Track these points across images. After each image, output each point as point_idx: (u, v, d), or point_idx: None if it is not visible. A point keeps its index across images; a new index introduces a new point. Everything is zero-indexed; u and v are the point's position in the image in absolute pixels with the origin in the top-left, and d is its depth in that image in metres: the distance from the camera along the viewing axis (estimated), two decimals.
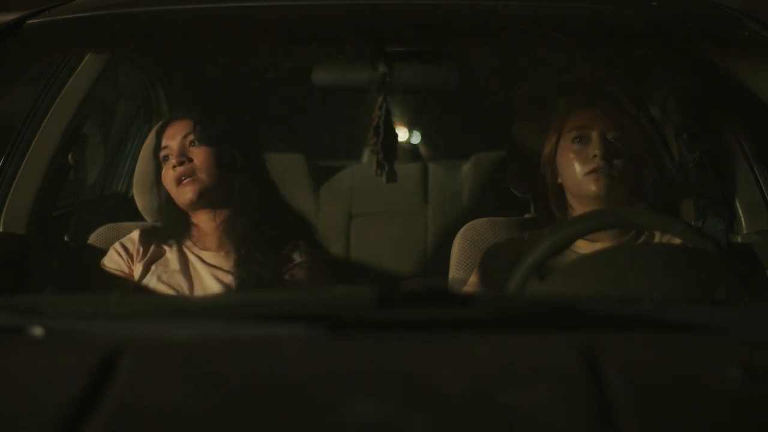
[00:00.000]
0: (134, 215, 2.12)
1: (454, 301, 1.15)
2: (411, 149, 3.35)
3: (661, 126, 2.31)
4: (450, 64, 2.25)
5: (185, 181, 1.95)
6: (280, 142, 3.10)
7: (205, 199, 1.96)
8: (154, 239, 1.99)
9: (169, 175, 1.97)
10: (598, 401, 0.92)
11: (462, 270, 1.96)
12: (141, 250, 1.98)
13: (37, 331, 1.11)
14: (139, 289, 1.93)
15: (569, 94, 2.03)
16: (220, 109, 2.12)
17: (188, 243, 1.99)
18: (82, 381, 0.96)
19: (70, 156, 2.17)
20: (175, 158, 1.96)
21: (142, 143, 2.18)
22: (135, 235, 2.01)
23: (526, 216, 2.10)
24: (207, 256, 1.97)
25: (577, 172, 1.85)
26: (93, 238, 2.08)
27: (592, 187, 1.83)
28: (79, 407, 0.91)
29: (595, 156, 1.83)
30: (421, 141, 3.44)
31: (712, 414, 0.92)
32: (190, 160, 1.95)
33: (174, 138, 1.98)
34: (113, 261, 1.98)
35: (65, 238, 2.14)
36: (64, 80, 2.19)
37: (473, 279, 1.89)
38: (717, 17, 1.88)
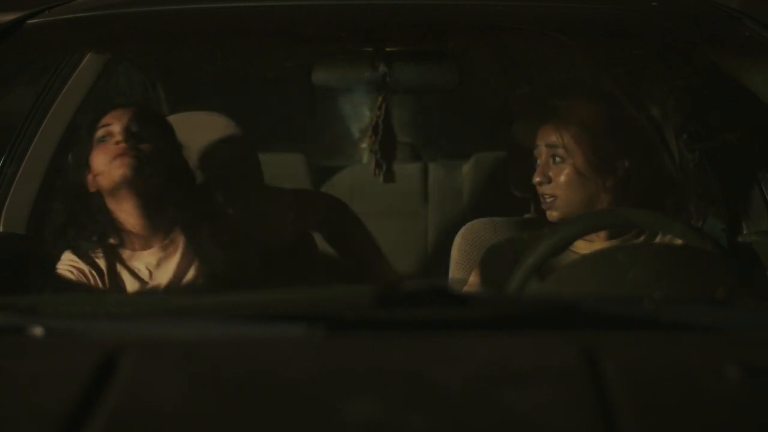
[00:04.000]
0: None
1: (454, 301, 1.15)
2: (410, 149, 3.35)
3: (661, 126, 2.31)
4: (450, 64, 2.25)
5: (123, 156, 1.84)
6: (280, 142, 3.10)
7: (135, 182, 1.86)
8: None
9: (105, 153, 1.86)
10: (598, 401, 0.92)
11: (462, 270, 1.96)
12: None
13: (37, 331, 1.10)
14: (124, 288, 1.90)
15: (568, 94, 2.03)
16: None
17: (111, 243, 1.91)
18: (82, 381, 0.96)
19: (70, 156, 2.16)
20: (119, 135, 1.86)
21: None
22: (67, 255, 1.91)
23: (526, 216, 2.09)
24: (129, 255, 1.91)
25: None
26: None
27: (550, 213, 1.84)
28: (79, 407, 0.91)
29: (536, 182, 1.84)
30: (421, 141, 3.43)
31: (711, 414, 0.92)
32: (139, 141, 1.86)
33: (119, 120, 1.89)
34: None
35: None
36: (64, 80, 2.19)
37: (473, 279, 1.89)
38: (717, 17, 1.88)
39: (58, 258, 1.94)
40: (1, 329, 1.13)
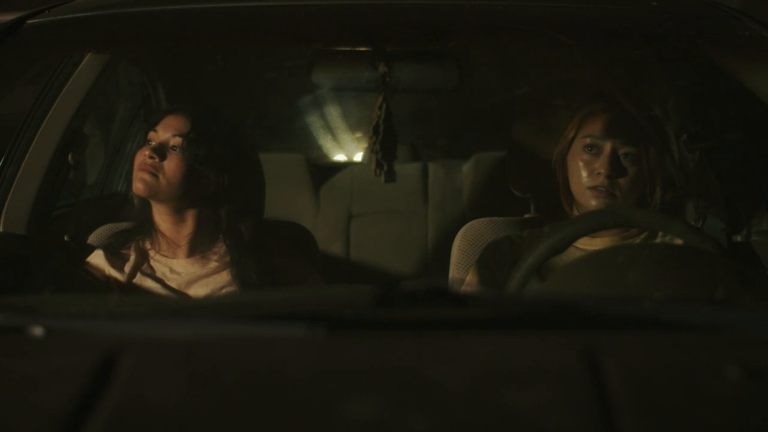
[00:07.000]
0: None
1: (454, 301, 1.15)
2: (410, 149, 3.35)
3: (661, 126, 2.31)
4: (450, 64, 2.25)
5: (145, 171, 1.88)
6: (280, 142, 3.11)
7: (161, 199, 1.92)
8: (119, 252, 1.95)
9: (139, 158, 1.91)
10: (598, 401, 0.92)
11: (462, 270, 1.96)
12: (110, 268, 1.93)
13: (37, 331, 1.11)
14: (138, 289, 1.91)
15: (578, 94, 2.02)
16: (215, 118, 2.06)
17: (153, 251, 1.94)
18: (82, 381, 0.96)
19: (70, 156, 2.16)
20: (153, 147, 1.90)
21: (142, 143, 2.18)
22: (96, 258, 1.95)
23: (526, 216, 2.10)
24: (173, 263, 1.93)
25: (582, 182, 1.84)
26: (93, 238, 2.08)
27: (592, 202, 1.83)
28: (79, 407, 0.91)
29: (599, 174, 1.82)
30: (421, 141, 3.44)
31: (711, 414, 0.92)
32: (162, 159, 1.89)
33: (166, 131, 1.92)
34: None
35: (65, 238, 2.14)
36: (64, 80, 2.19)
37: (470, 277, 1.89)
38: (717, 17, 1.88)
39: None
40: (1, 329, 1.13)
